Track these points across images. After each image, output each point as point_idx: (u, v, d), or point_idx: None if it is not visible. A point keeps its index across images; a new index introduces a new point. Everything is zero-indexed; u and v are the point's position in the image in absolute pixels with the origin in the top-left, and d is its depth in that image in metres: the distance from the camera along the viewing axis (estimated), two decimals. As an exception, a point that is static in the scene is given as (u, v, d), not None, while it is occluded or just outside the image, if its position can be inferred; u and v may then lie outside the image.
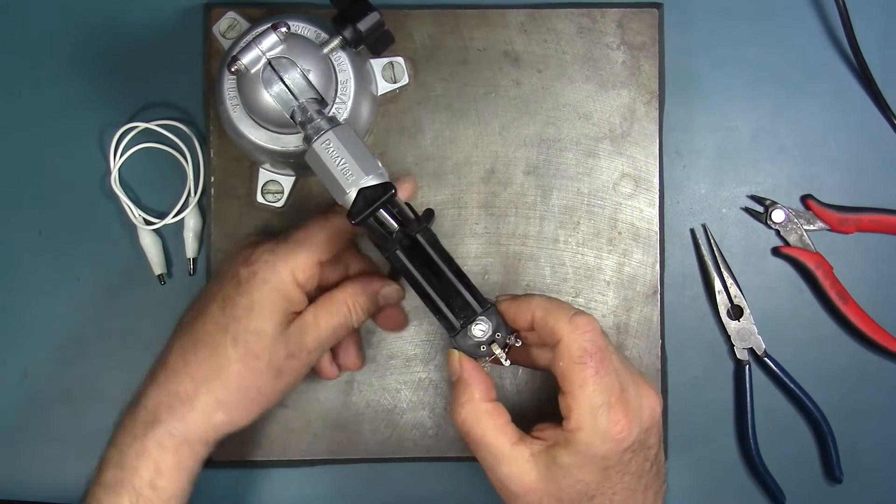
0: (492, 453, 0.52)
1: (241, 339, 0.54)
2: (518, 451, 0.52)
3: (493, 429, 0.52)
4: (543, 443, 0.52)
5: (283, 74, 0.54)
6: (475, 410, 0.53)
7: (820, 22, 0.69)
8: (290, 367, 0.56)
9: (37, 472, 0.67)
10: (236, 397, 0.55)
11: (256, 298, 0.55)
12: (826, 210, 0.68)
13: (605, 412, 0.50)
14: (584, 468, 0.51)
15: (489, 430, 0.52)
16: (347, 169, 0.51)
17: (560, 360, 0.51)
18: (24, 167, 0.67)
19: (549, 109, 0.65)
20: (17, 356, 0.67)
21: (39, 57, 0.67)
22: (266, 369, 0.55)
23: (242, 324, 0.55)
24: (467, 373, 0.54)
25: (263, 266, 0.56)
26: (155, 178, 0.67)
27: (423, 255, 0.53)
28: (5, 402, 0.67)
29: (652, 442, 0.53)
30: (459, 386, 0.54)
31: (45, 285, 0.67)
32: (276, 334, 0.55)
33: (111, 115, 0.67)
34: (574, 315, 0.52)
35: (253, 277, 0.56)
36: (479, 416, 0.53)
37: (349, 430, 0.65)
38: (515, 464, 0.52)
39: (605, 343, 0.52)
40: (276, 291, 0.55)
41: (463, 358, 0.54)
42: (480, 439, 0.52)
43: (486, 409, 0.53)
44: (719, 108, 0.68)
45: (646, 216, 0.65)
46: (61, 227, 0.67)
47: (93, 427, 0.66)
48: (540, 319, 0.53)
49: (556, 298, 0.54)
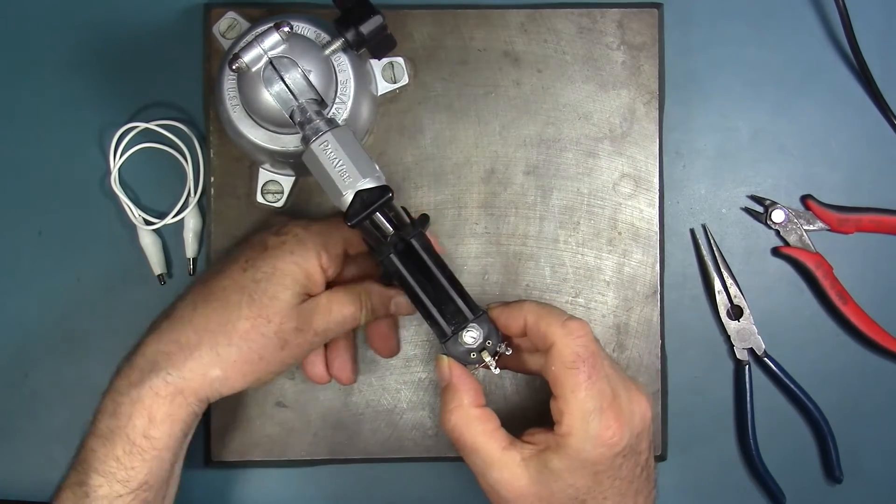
0: (482, 458, 0.52)
1: (257, 301, 0.54)
2: (509, 455, 0.52)
3: (483, 434, 0.52)
4: (534, 447, 0.52)
5: (283, 74, 0.54)
6: (465, 416, 0.53)
7: (820, 22, 0.69)
8: (296, 341, 0.56)
9: (37, 472, 0.67)
10: (237, 356, 0.54)
11: (280, 266, 0.55)
12: (826, 210, 0.68)
13: (596, 417, 0.50)
14: (575, 473, 0.51)
15: (479, 435, 0.52)
16: (345, 171, 0.51)
17: (552, 364, 0.51)
18: (24, 167, 0.67)
19: (549, 109, 0.65)
20: (17, 355, 0.67)
21: (39, 57, 0.67)
22: (274, 335, 0.55)
23: (262, 286, 0.55)
24: (456, 378, 0.54)
25: (293, 239, 0.56)
26: (155, 178, 0.67)
27: (417, 260, 0.53)
28: (5, 402, 0.67)
29: (643, 447, 0.53)
30: (448, 392, 0.54)
31: (45, 285, 0.67)
32: (291, 305, 0.55)
33: (111, 115, 0.67)
34: (567, 320, 0.52)
35: (281, 246, 0.56)
36: (469, 421, 0.53)
37: (349, 430, 0.65)
38: (506, 468, 0.52)
39: (597, 348, 0.52)
40: (299, 265, 0.56)
41: (452, 363, 0.54)
42: (471, 445, 0.52)
43: (475, 415, 0.53)
44: (719, 109, 0.68)
45: (646, 216, 0.65)
46: (61, 227, 0.67)
47: (93, 427, 0.66)
48: (532, 325, 0.53)
49: (548, 304, 0.54)
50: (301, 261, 0.56)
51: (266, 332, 0.54)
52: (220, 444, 0.65)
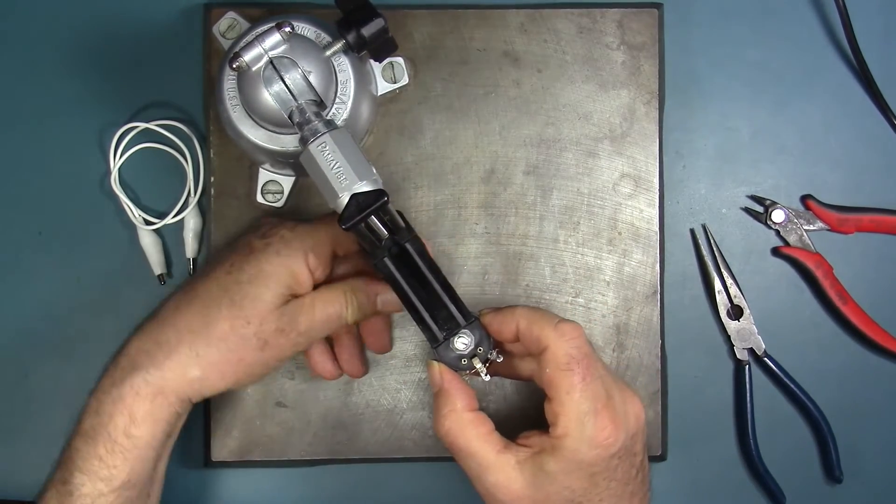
0: (477, 462, 0.52)
1: (237, 302, 0.54)
2: (504, 458, 0.52)
3: (478, 438, 0.52)
4: (529, 450, 0.52)
5: (283, 74, 0.54)
6: (458, 420, 0.53)
7: (820, 22, 0.69)
8: (277, 342, 0.55)
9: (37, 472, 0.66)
10: (216, 357, 0.54)
11: (264, 268, 0.55)
12: (826, 210, 0.68)
13: (592, 418, 0.50)
14: (571, 475, 0.51)
15: (473, 439, 0.52)
16: (341, 173, 0.51)
17: (546, 366, 0.52)
18: (24, 167, 0.67)
19: (549, 109, 0.65)
20: (17, 356, 0.67)
21: (39, 57, 0.67)
22: (253, 336, 0.54)
23: (244, 288, 0.55)
24: (448, 383, 0.54)
25: (279, 240, 0.56)
26: (155, 177, 0.67)
27: (410, 265, 0.53)
28: (5, 402, 0.67)
29: (637, 448, 0.53)
30: (441, 397, 0.54)
31: (45, 285, 0.67)
32: (272, 306, 0.55)
33: (111, 115, 0.67)
34: (559, 322, 0.52)
35: (266, 248, 0.56)
36: (463, 425, 0.53)
37: (349, 430, 0.65)
38: (502, 472, 0.52)
39: (589, 350, 0.52)
40: (285, 266, 0.55)
41: (443, 369, 0.54)
42: (465, 449, 0.52)
43: (469, 419, 0.53)
44: (719, 109, 0.68)
45: (646, 216, 0.65)
46: (61, 227, 0.67)
47: (93, 427, 0.66)
48: (525, 329, 0.53)
49: (539, 308, 0.54)
50: (287, 262, 0.55)
51: (245, 334, 0.54)
52: (219, 445, 0.65)
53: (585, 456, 0.50)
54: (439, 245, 0.65)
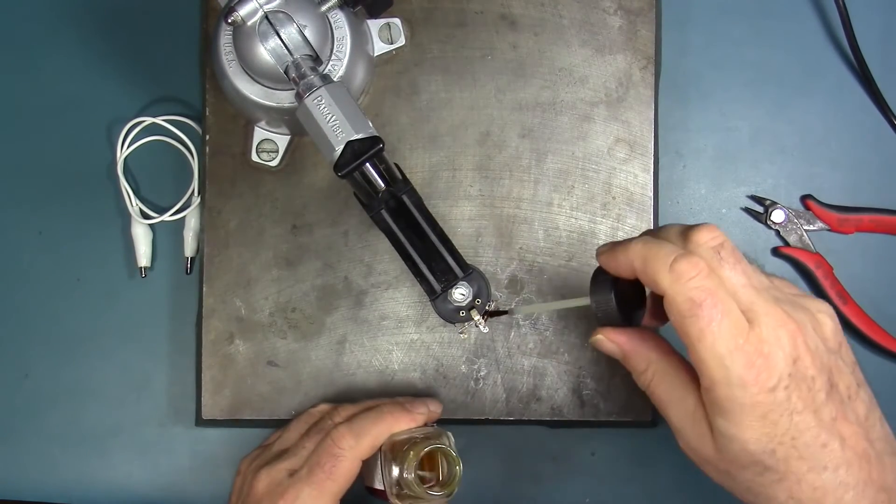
0: (672, 424, 0.49)
1: None
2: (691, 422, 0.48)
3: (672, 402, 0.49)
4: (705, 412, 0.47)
5: (279, 29, 0.54)
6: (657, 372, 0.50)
7: (820, 22, 0.69)
8: None
9: (37, 472, 0.67)
10: None
11: None
12: (826, 210, 0.68)
13: (732, 359, 0.44)
14: (741, 426, 0.45)
15: (666, 403, 0.49)
16: (337, 126, 0.51)
17: (670, 314, 0.46)
18: (24, 167, 0.68)
19: (545, 73, 0.65)
20: (17, 356, 0.67)
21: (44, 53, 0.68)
22: None
23: None
24: (625, 344, 0.51)
25: None
26: (160, 176, 0.68)
27: (407, 217, 0.53)
28: (5, 402, 0.67)
29: (809, 371, 0.45)
30: (631, 360, 0.51)
31: (45, 285, 0.67)
32: None
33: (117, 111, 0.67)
34: (674, 261, 0.45)
35: None
36: (659, 381, 0.49)
37: (340, 389, 0.65)
38: (692, 438, 0.48)
39: (714, 282, 0.45)
40: None
41: (610, 334, 0.51)
42: (662, 410, 0.49)
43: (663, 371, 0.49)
44: (719, 108, 0.68)
45: (640, 181, 0.65)
46: (61, 227, 0.67)
47: (93, 427, 0.67)
48: (640, 270, 0.47)
49: (655, 241, 0.47)
50: None
51: None
52: (211, 403, 0.65)
53: (743, 400, 0.44)
54: (433, 206, 0.64)
